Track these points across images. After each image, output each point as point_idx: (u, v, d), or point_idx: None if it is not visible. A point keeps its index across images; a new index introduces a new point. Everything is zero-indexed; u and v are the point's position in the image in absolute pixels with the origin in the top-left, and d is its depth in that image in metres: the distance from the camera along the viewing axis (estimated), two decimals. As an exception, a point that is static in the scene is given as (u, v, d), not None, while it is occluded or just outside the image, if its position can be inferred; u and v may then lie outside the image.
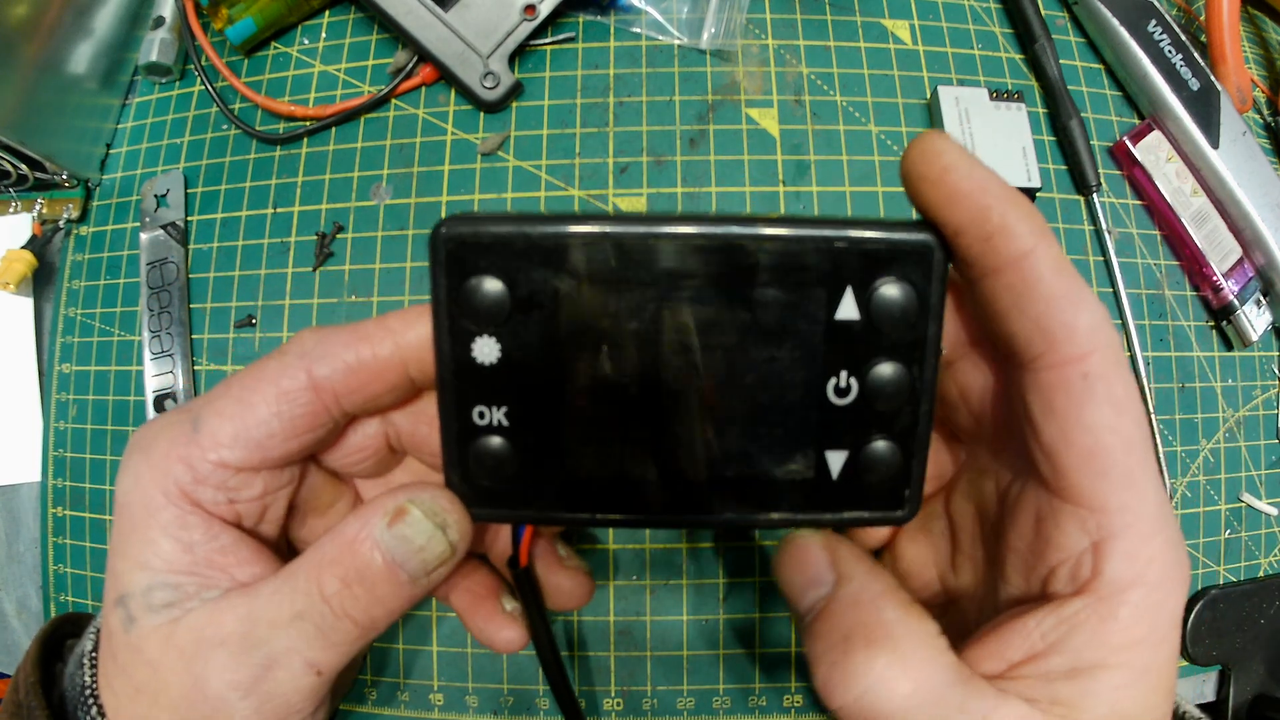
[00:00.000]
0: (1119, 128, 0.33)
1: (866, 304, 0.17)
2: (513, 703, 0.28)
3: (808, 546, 0.18)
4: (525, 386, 0.17)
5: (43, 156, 0.32)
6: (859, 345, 0.17)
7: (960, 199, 0.16)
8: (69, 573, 0.32)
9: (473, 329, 0.17)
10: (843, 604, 0.17)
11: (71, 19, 0.32)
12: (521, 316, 0.17)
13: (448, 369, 0.17)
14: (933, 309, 0.17)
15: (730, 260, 0.16)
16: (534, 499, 0.18)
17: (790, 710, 0.28)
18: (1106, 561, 0.15)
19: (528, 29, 0.31)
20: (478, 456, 0.17)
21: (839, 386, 0.17)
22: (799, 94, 0.32)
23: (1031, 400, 0.16)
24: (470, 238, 0.16)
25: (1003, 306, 0.16)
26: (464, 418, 0.17)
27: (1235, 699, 0.30)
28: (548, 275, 0.16)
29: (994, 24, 0.34)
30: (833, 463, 0.18)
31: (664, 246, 0.16)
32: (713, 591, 0.28)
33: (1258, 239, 0.31)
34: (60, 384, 0.33)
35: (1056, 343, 0.15)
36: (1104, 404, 0.15)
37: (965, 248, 0.16)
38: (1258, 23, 0.39)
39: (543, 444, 0.17)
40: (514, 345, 0.17)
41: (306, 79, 0.33)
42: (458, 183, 0.31)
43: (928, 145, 0.16)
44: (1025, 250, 0.15)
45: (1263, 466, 0.32)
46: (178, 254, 0.32)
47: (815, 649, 0.16)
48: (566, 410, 0.17)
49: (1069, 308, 0.15)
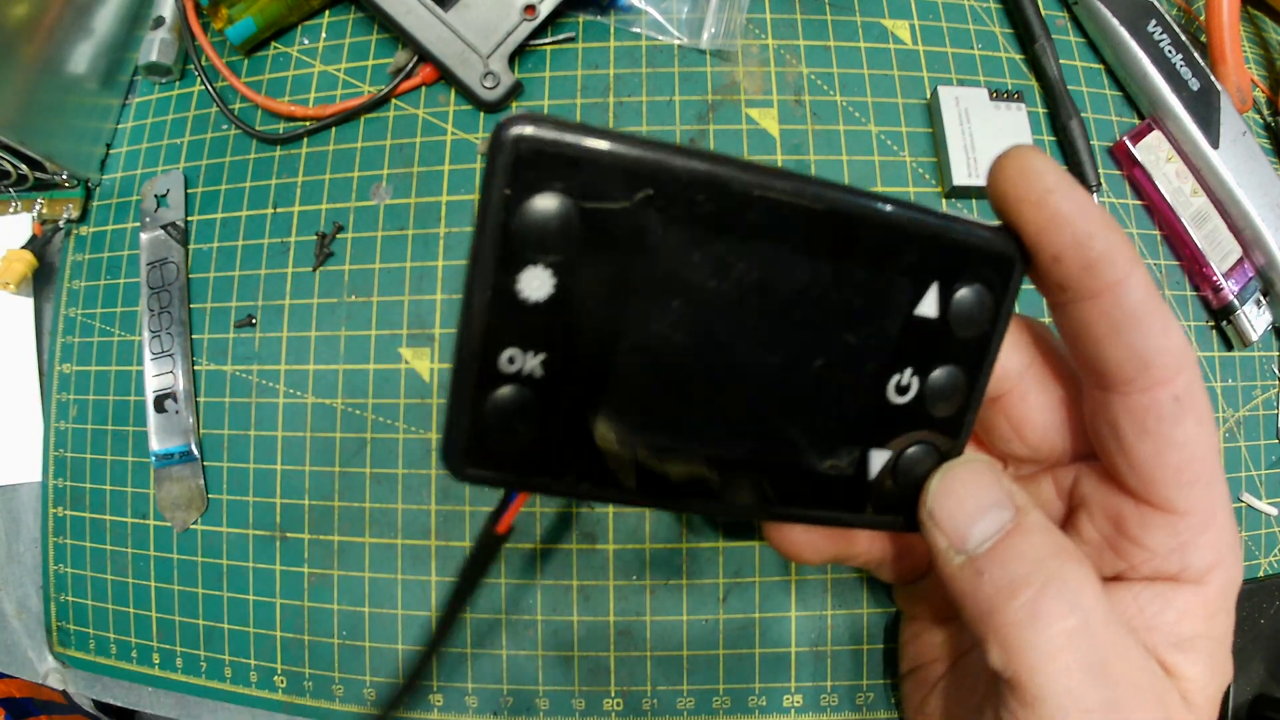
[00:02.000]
0: (1119, 128, 0.33)
1: (947, 303, 0.16)
2: (512, 703, 0.28)
3: (984, 471, 0.17)
4: (573, 334, 0.14)
5: (43, 156, 0.32)
6: (930, 345, 0.16)
7: (1064, 224, 0.15)
8: (69, 573, 0.32)
9: (526, 255, 0.14)
10: (1037, 528, 0.16)
11: (71, 19, 0.32)
12: (589, 250, 0.14)
13: (481, 299, 0.14)
14: (1003, 318, 0.16)
15: (830, 229, 0.15)
16: (550, 467, 0.15)
17: (790, 710, 0.28)
18: (1194, 553, 0.17)
19: (528, 29, 0.31)
20: (495, 408, 0.14)
21: (901, 384, 0.16)
22: (799, 94, 0.32)
23: (1122, 422, 0.16)
24: (550, 145, 0.13)
25: (1097, 332, 0.16)
26: (489, 361, 0.14)
27: (1235, 699, 0.30)
28: (635, 209, 0.14)
29: (994, 24, 0.34)
30: (874, 463, 0.17)
31: (770, 200, 0.14)
32: (713, 591, 0.28)
33: (1258, 239, 0.31)
34: (60, 384, 0.33)
35: (1150, 368, 0.16)
36: (1192, 422, 0.16)
37: (1062, 273, 0.16)
38: (1258, 23, 0.39)
39: (576, 405, 0.15)
40: (572, 282, 0.14)
41: (306, 79, 0.33)
42: (458, 183, 0.31)
43: (1027, 164, 0.16)
44: (1122, 277, 0.15)
45: (1263, 466, 0.31)
46: (178, 254, 0.32)
47: (1007, 574, 0.16)
48: (616, 369, 0.15)
49: (1161, 334, 0.16)
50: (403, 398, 0.30)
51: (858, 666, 0.28)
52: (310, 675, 0.29)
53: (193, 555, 0.30)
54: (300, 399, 0.30)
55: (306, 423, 0.30)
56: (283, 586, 0.30)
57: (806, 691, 0.28)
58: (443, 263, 0.31)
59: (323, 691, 0.29)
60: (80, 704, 0.32)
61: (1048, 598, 0.15)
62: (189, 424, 0.31)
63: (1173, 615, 0.17)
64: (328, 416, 0.30)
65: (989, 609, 0.16)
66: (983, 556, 0.16)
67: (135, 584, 0.31)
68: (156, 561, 0.31)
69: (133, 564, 0.31)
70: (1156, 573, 0.17)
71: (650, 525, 0.29)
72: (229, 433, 0.31)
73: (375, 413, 0.30)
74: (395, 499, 0.29)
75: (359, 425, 0.30)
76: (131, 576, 0.31)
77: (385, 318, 0.30)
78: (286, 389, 0.30)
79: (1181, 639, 0.17)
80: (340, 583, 0.29)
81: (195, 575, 0.30)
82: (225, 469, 0.30)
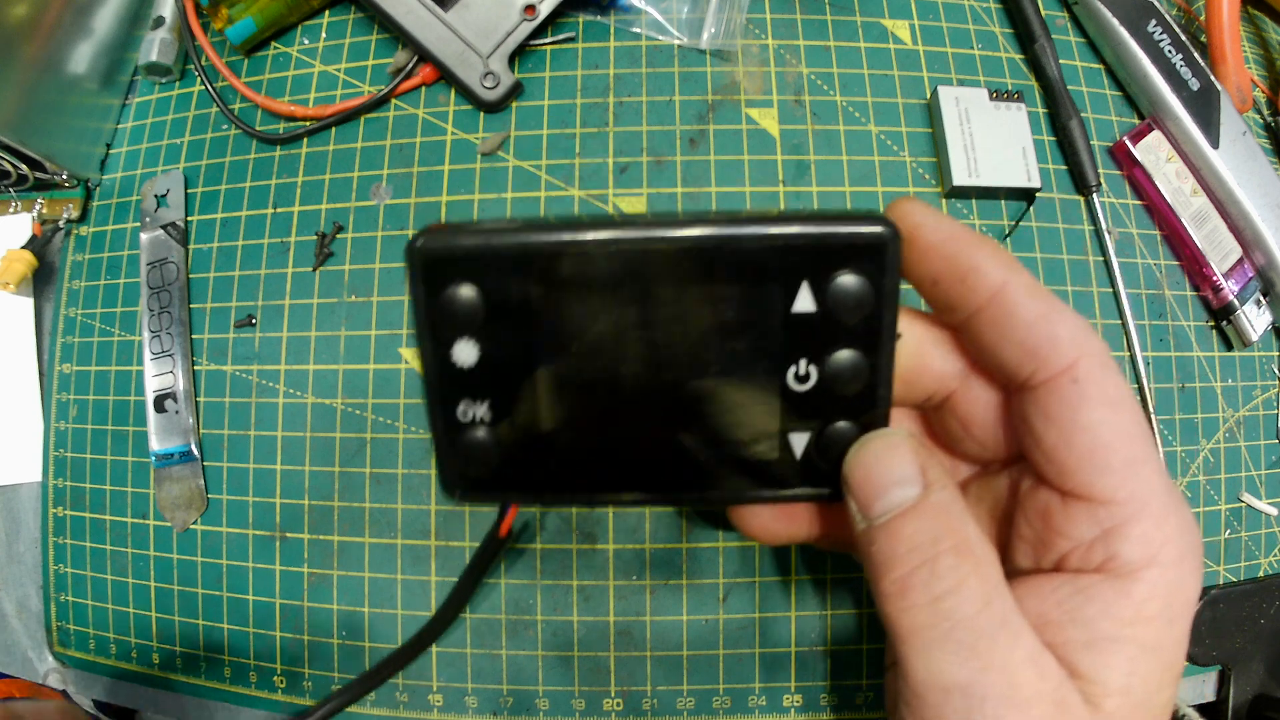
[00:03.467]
0: (1119, 128, 0.33)
1: (822, 296, 0.17)
2: (512, 703, 0.28)
3: (900, 446, 0.18)
4: (503, 383, 0.18)
5: (43, 156, 0.32)
6: (817, 335, 0.18)
7: (932, 250, 0.17)
8: (69, 573, 0.32)
9: (452, 334, 0.18)
10: (934, 510, 0.17)
11: (71, 19, 0.32)
12: (495, 320, 0.17)
13: (432, 369, 0.18)
14: (887, 297, 0.17)
15: (690, 261, 0.17)
16: (517, 484, 0.19)
17: (790, 710, 0.28)
18: (1121, 544, 0.16)
19: (528, 29, 0.31)
20: (465, 449, 0.18)
21: (799, 374, 0.18)
22: (799, 94, 0.32)
23: (1031, 414, 0.17)
24: (443, 251, 0.17)
25: (990, 340, 0.17)
26: (449, 414, 0.18)
27: (1235, 699, 0.30)
28: (517, 282, 0.17)
29: (994, 24, 0.34)
30: (795, 444, 0.19)
31: (624, 252, 0.17)
32: (713, 591, 0.28)
33: (1258, 239, 0.31)
34: (60, 384, 0.33)
35: (1042, 358, 0.17)
36: (1097, 404, 0.16)
37: (945, 292, 0.18)
38: (1258, 23, 0.39)
39: (522, 435, 0.18)
40: (490, 346, 0.18)
41: (306, 79, 0.33)
42: (458, 183, 0.31)
43: (902, 209, 0.18)
44: (999, 284, 0.17)
45: (1263, 466, 0.31)
46: (178, 254, 0.32)
47: (891, 549, 0.17)
48: (543, 404, 0.18)
49: (1047, 325, 0.17)
50: (403, 398, 0.30)
51: (858, 666, 0.28)
52: (310, 675, 0.29)
53: (193, 555, 0.30)
54: (300, 399, 0.30)
55: (306, 423, 0.30)
56: (282, 586, 0.30)
57: (806, 691, 0.28)
58: (443, 263, 0.30)
59: (322, 691, 0.29)
60: (80, 704, 0.32)
61: (919, 576, 0.16)
62: (189, 424, 0.31)
63: (1091, 611, 0.16)
64: (328, 416, 0.30)
65: (873, 577, 0.17)
66: (876, 528, 0.17)
67: (135, 584, 0.31)
68: (156, 561, 0.31)
69: (133, 564, 0.31)
70: (1081, 564, 0.17)
71: (650, 525, 0.29)
72: (229, 433, 0.31)
73: (375, 413, 0.30)
74: (395, 499, 0.29)
75: (359, 425, 0.30)
76: (131, 576, 0.31)
77: (385, 318, 0.30)
78: (286, 389, 0.30)
79: (1096, 637, 0.16)
80: (340, 583, 0.29)
81: (195, 575, 0.30)
82: (225, 469, 0.30)
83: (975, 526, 0.17)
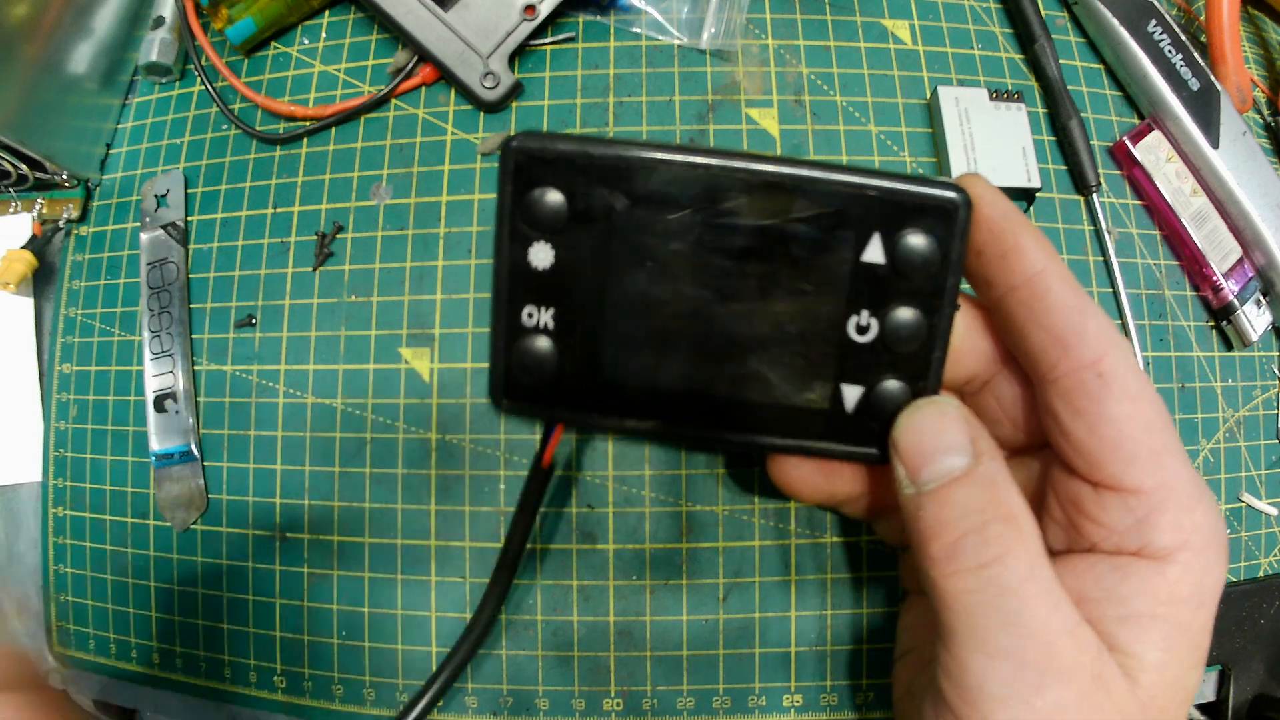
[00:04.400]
0: (1119, 128, 0.33)
1: (892, 250, 0.18)
2: (512, 703, 0.28)
3: (952, 414, 0.18)
4: (573, 292, 0.18)
5: (43, 156, 0.32)
6: (882, 288, 0.18)
7: (984, 221, 0.18)
8: (69, 573, 0.32)
9: (531, 234, 0.18)
10: (984, 479, 0.17)
11: (71, 19, 0.32)
12: (576, 227, 0.18)
13: (504, 269, 0.18)
14: (953, 263, 0.18)
15: (771, 196, 0.17)
16: (569, 400, 0.19)
17: (790, 710, 0.28)
18: (1153, 532, 0.17)
19: (528, 29, 0.31)
20: (522, 354, 0.19)
21: (860, 324, 0.18)
22: (799, 94, 0.32)
23: (1057, 405, 0.18)
24: (537, 152, 0.17)
25: (1020, 322, 0.18)
26: (514, 316, 0.18)
27: (1235, 699, 0.30)
28: (604, 193, 0.18)
29: (994, 24, 0.34)
30: (848, 396, 0.19)
31: (712, 178, 0.17)
32: (713, 591, 0.28)
33: (1258, 239, 0.31)
34: (60, 384, 0.33)
35: (1070, 349, 0.17)
36: (1121, 397, 0.17)
37: (985, 265, 0.18)
38: (1258, 23, 0.39)
39: (583, 348, 0.19)
40: (567, 253, 0.18)
41: (306, 79, 0.33)
42: (458, 183, 0.31)
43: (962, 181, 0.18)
44: (1037, 268, 0.17)
45: (1263, 466, 0.31)
46: (178, 254, 0.32)
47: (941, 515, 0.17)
48: (608, 319, 0.18)
49: (1078, 316, 0.17)
50: (403, 398, 0.30)
51: (858, 666, 0.28)
52: (310, 675, 0.29)
53: (193, 555, 0.30)
54: (300, 399, 0.30)
55: (306, 423, 0.30)
56: (282, 587, 0.30)
57: (806, 691, 0.28)
58: (443, 263, 0.31)
59: (322, 691, 0.29)
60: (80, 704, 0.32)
61: (967, 542, 0.16)
62: (189, 424, 0.31)
63: (1127, 589, 0.17)
64: (328, 416, 0.30)
65: (919, 544, 0.17)
66: (926, 494, 0.17)
67: (135, 584, 0.31)
68: (156, 561, 0.31)
69: (133, 564, 0.31)
70: (1118, 548, 0.17)
71: (650, 525, 0.29)
72: (229, 433, 0.31)
73: (375, 413, 0.30)
74: (395, 499, 0.29)
75: (359, 425, 0.30)
76: (131, 576, 0.31)
77: (385, 318, 0.30)
78: (286, 389, 0.30)
79: (1132, 614, 0.17)
80: (340, 583, 0.29)
81: (195, 575, 0.30)
82: (225, 469, 0.30)
83: (1021, 499, 0.17)
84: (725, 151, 0.18)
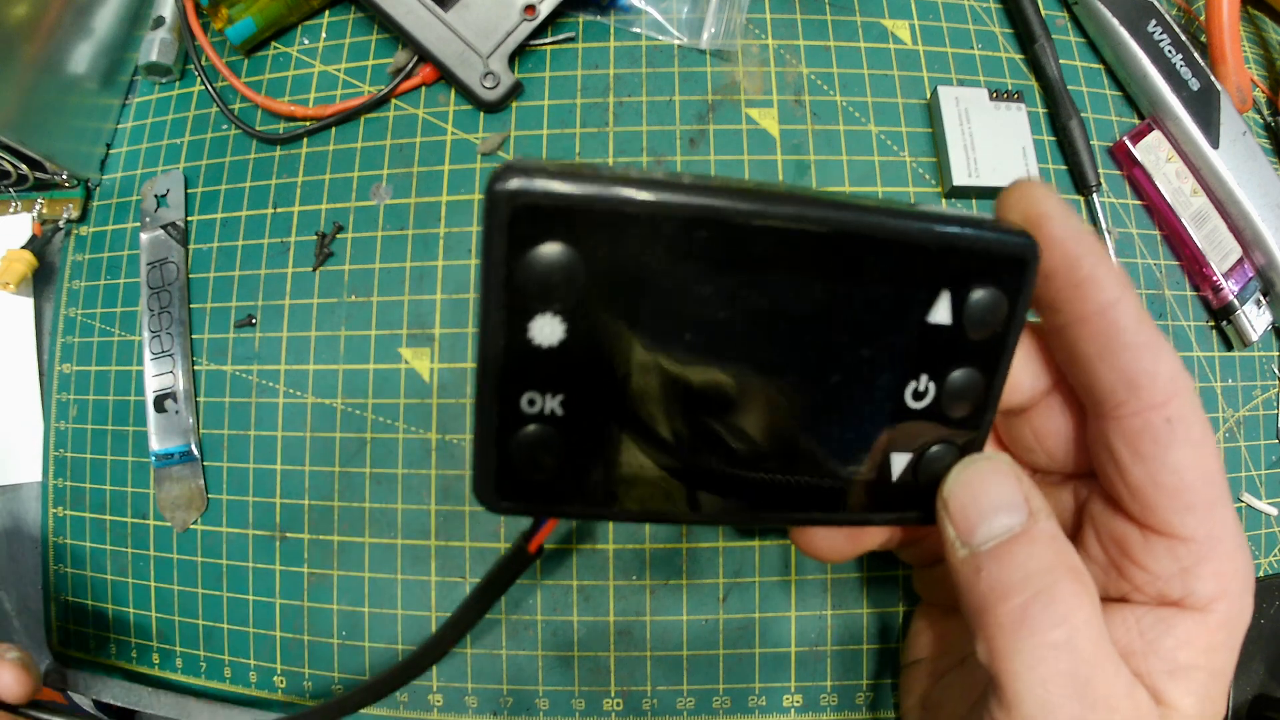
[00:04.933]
0: (1119, 128, 0.33)
1: (960, 309, 0.16)
2: (512, 703, 0.28)
3: (1005, 471, 0.17)
4: (590, 373, 0.15)
5: (43, 156, 0.32)
6: (945, 349, 0.16)
7: (1055, 245, 0.16)
8: (69, 573, 0.32)
9: (534, 305, 0.14)
10: (1045, 537, 0.16)
11: (71, 19, 0.32)
12: (596, 293, 0.14)
13: (497, 348, 0.14)
14: (1018, 317, 0.16)
15: (835, 251, 0.15)
16: (578, 494, 0.16)
17: (790, 710, 0.28)
18: (1197, 581, 0.16)
19: (528, 29, 0.31)
20: (521, 448, 0.15)
21: (918, 390, 0.16)
22: (799, 94, 0.32)
23: (1117, 445, 0.17)
24: (542, 199, 0.13)
25: (1087, 355, 0.17)
26: (510, 404, 0.15)
27: (1235, 699, 0.30)
28: (633, 250, 0.14)
29: (994, 24, 0.34)
30: (896, 465, 0.17)
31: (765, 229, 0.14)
32: (713, 591, 0.28)
33: (1258, 239, 0.31)
34: (60, 384, 0.33)
35: (1140, 390, 0.16)
36: (1186, 445, 0.16)
37: (1054, 292, 0.17)
38: (1258, 23, 0.39)
39: (600, 438, 0.15)
40: (581, 326, 0.14)
41: (306, 79, 0.33)
42: (458, 183, 0.31)
43: (1027, 191, 0.17)
44: (1111, 300, 0.16)
45: (1263, 466, 0.31)
46: (178, 254, 0.32)
47: (1004, 576, 0.16)
48: (633, 403, 0.15)
49: (1150, 356, 0.16)
50: (403, 398, 0.30)
51: (858, 666, 0.28)
52: (310, 675, 0.29)
53: (193, 555, 0.30)
54: (300, 399, 0.30)
55: (306, 423, 0.30)
56: (282, 586, 0.30)
57: (806, 691, 0.28)
58: (443, 263, 0.31)
59: (322, 691, 0.29)
60: (80, 704, 0.32)
61: (1038, 607, 0.15)
62: (189, 424, 0.31)
63: (1171, 642, 0.17)
64: (328, 416, 0.30)
65: (982, 606, 0.16)
66: (985, 554, 0.16)
67: (135, 584, 0.31)
68: (156, 561, 0.31)
69: (133, 564, 0.31)
70: (1160, 597, 0.17)
71: (650, 525, 0.29)
72: (229, 433, 0.31)
73: (375, 413, 0.30)
74: (395, 499, 0.29)
75: (359, 425, 0.30)
76: (131, 576, 0.31)
77: (385, 318, 0.30)
78: (286, 389, 0.30)
79: (1177, 667, 0.16)
80: (340, 583, 0.29)
81: (195, 575, 0.30)
82: (225, 469, 0.30)
83: (1077, 555, 0.17)
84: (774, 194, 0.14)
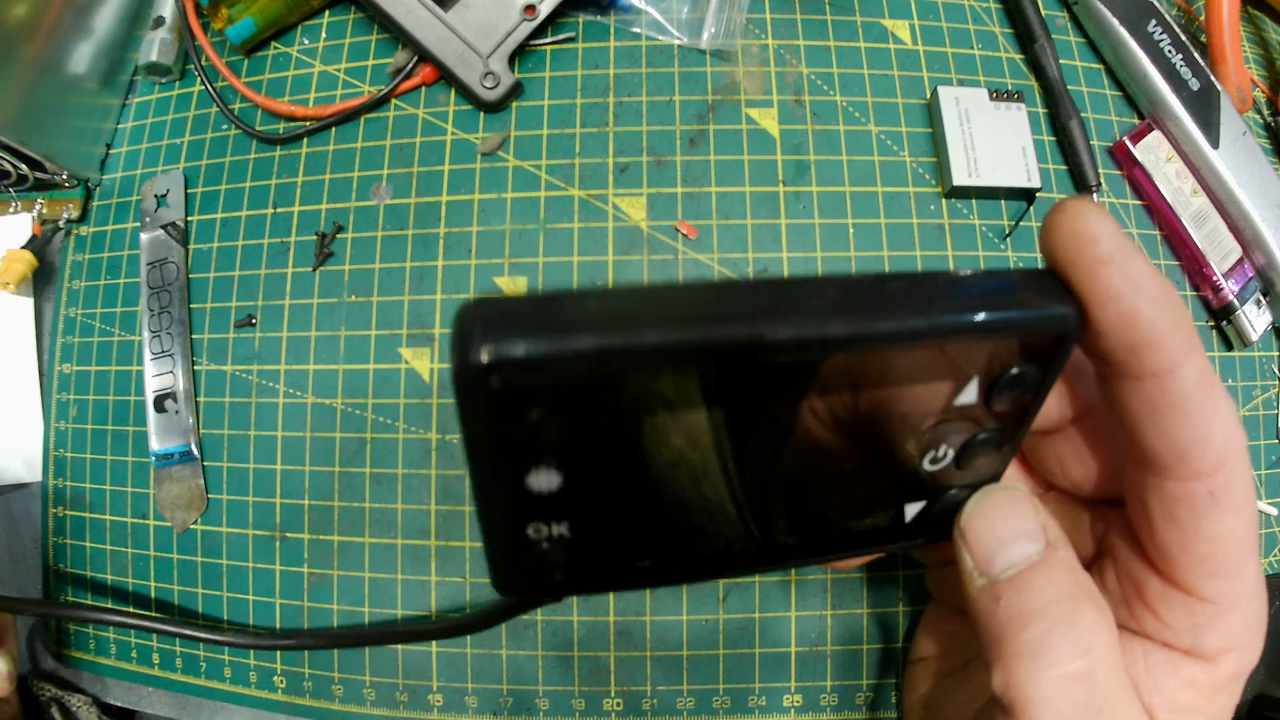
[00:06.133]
0: (1119, 128, 0.33)
1: (988, 390, 0.15)
2: (512, 703, 0.28)
3: (1021, 501, 0.17)
4: (591, 503, 0.15)
5: (43, 156, 0.32)
6: (968, 423, 0.16)
7: (1112, 301, 0.14)
8: (69, 572, 0.32)
9: (526, 463, 0.13)
10: (1063, 565, 0.16)
11: (71, 19, 0.32)
12: (590, 441, 0.13)
13: (495, 498, 0.14)
14: (1048, 386, 0.16)
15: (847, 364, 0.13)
16: (592, 580, 0.17)
17: (790, 710, 0.28)
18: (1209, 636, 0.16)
19: (528, 29, 0.31)
20: (531, 558, 0.15)
21: (935, 457, 0.16)
22: (799, 94, 0.32)
23: (1152, 505, 0.16)
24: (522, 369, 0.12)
25: (1138, 415, 0.15)
26: (517, 535, 0.15)
27: (1235, 699, 0.30)
28: (622, 403, 0.13)
29: (994, 24, 0.34)
30: (909, 511, 0.17)
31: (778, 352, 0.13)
32: (713, 591, 0.28)
33: (1258, 239, 0.31)
34: (60, 384, 0.33)
35: (1187, 461, 0.15)
36: (1226, 513, 0.15)
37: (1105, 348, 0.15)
38: (1258, 23, 0.39)
39: (608, 543, 0.16)
40: (579, 468, 0.14)
41: (306, 79, 0.33)
42: (458, 183, 0.31)
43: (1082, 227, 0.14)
44: (1170, 367, 0.14)
45: (1263, 466, 0.31)
46: (178, 254, 0.32)
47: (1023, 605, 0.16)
48: (641, 516, 0.15)
49: (1204, 425, 0.15)
50: (403, 398, 0.30)
51: (858, 666, 0.28)
52: (310, 675, 0.29)
53: (193, 555, 0.30)
54: (300, 399, 0.30)
55: (306, 423, 0.30)
56: (282, 586, 0.30)
57: (806, 691, 0.28)
58: (443, 263, 0.31)
59: (322, 691, 0.29)
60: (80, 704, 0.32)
61: (1057, 636, 0.15)
62: (189, 424, 0.31)
63: (1175, 683, 0.16)
64: (328, 416, 0.30)
65: (1000, 636, 0.16)
66: (1003, 583, 0.16)
67: (135, 584, 0.31)
68: (156, 561, 0.31)
69: (133, 564, 0.31)
70: (1168, 644, 0.17)
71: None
72: (229, 433, 0.31)
73: (375, 413, 0.30)
74: (395, 499, 0.29)
75: (359, 425, 0.30)
76: (131, 576, 0.31)
77: (385, 318, 0.30)
78: (286, 389, 0.30)
79: (1179, 708, 0.16)
80: (340, 583, 0.29)
81: (195, 575, 0.30)
82: (225, 469, 0.30)
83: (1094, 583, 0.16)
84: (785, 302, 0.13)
